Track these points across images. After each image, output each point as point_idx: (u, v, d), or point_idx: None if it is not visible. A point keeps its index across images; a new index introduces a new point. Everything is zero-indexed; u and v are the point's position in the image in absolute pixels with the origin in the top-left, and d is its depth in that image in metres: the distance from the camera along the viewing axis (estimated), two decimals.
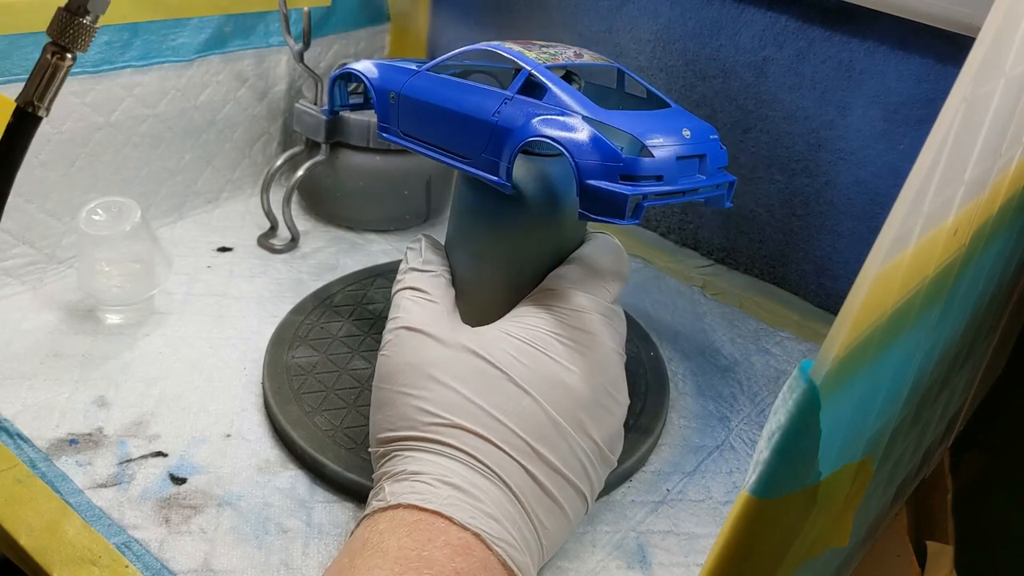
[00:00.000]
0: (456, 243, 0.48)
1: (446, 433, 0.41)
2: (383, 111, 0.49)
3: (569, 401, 0.42)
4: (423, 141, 0.47)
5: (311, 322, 0.60)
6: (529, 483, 0.40)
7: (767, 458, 0.23)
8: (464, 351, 0.42)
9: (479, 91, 0.45)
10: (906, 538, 0.61)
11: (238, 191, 0.76)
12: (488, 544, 0.38)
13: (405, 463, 0.41)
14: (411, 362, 0.43)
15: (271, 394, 0.53)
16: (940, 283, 0.31)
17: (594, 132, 0.40)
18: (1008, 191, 0.36)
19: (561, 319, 0.43)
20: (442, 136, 0.46)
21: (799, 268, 0.72)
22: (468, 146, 0.44)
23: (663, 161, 0.40)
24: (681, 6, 0.70)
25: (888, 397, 0.31)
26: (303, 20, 0.66)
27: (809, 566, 0.32)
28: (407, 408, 0.42)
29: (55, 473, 0.48)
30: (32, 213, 0.61)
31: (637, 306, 0.68)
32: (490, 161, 0.43)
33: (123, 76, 0.63)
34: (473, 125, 0.44)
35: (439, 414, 0.41)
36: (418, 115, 0.47)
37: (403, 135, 0.48)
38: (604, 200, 0.39)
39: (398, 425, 0.42)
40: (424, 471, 0.40)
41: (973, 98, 0.25)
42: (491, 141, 0.43)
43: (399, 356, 0.43)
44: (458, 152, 0.45)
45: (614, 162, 0.39)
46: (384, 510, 0.39)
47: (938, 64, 0.60)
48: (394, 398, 0.42)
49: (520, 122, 0.42)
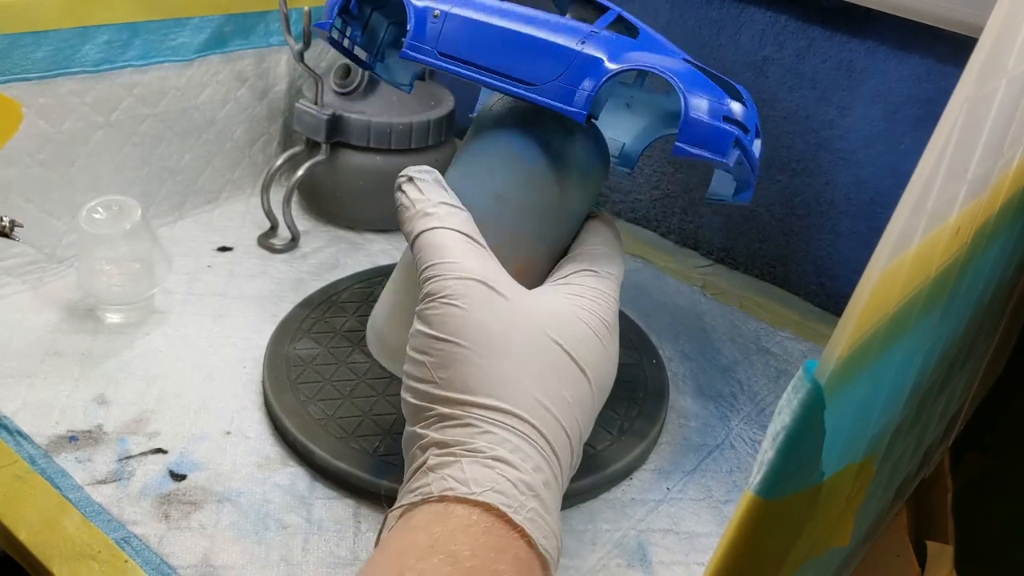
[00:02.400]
0: (469, 182, 0.44)
1: (532, 413, 0.38)
2: (419, 30, 0.45)
3: (602, 391, 0.41)
4: (467, 63, 0.44)
5: (316, 316, 0.60)
6: (568, 473, 0.40)
7: (771, 459, 0.23)
8: (537, 324, 0.39)
9: (557, 21, 0.44)
10: (906, 538, 0.61)
11: (238, 191, 0.76)
12: (548, 569, 0.36)
13: (483, 438, 0.37)
14: (490, 324, 0.39)
15: (268, 381, 0.54)
16: (942, 282, 0.31)
17: (697, 72, 0.41)
18: (1009, 190, 0.36)
19: (606, 305, 0.42)
20: (499, 59, 0.43)
21: (799, 268, 0.72)
22: (536, 72, 0.42)
23: (752, 115, 0.41)
24: (681, 6, 0.70)
25: (890, 397, 0.31)
26: (303, 20, 0.65)
27: (811, 566, 0.32)
28: (489, 374, 0.38)
29: (55, 469, 0.48)
30: (32, 212, 0.61)
31: (637, 306, 0.68)
32: (564, 89, 0.41)
33: (123, 76, 0.63)
34: (549, 50, 0.42)
35: (527, 390, 0.38)
36: (470, 36, 0.44)
37: (440, 55, 0.45)
38: (709, 135, 0.39)
39: (476, 389, 0.38)
40: (505, 459, 0.36)
41: (976, 98, 0.25)
42: (570, 69, 0.41)
43: (476, 313, 0.39)
44: (519, 77, 0.43)
45: (719, 102, 0.40)
46: (461, 502, 0.35)
47: (938, 64, 0.60)
48: (470, 358, 0.38)
49: (612, 53, 0.41)
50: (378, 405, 0.53)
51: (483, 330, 0.38)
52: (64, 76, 0.59)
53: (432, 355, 0.39)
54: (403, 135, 0.70)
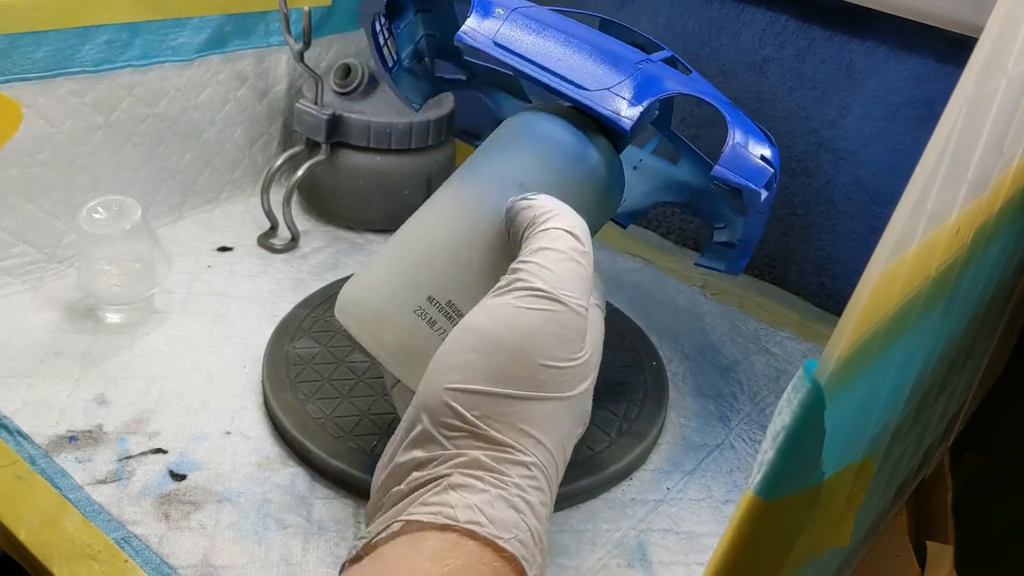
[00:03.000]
0: (494, 165, 0.44)
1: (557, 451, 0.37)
2: (480, 16, 0.45)
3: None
4: (522, 56, 0.44)
5: (316, 315, 0.60)
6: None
7: (771, 459, 0.23)
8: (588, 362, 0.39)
9: (617, 42, 0.47)
10: (906, 538, 0.61)
11: (238, 191, 0.76)
12: None
13: (517, 472, 0.35)
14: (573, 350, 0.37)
15: (267, 380, 0.54)
16: (942, 282, 0.31)
17: (741, 112, 0.44)
18: (1009, 190, 0.36)
19: (600, 339, 0.43)
20: (556, 60, 0.44)
21: (799, 268, 0.72)
22: (592, 78, 0.43)
23: (776, 159, 0.45)
24: (681, 6, 0.70)
25: (890, 397, 0.31)
26: (303, 20, 0.65)
27: (811, 566, 0.32)
28: (545, 405, 0.36)
29: (55, 469, 0.48)
30: (32, 212, 0.61)
31: (637, 306, 0.68)
32: (615, 97, 0.42)
33: (123, 76, 0.63)
34: (611, 61, 0.43)
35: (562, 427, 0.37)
36: (534, 33, 0.45)
37: (495, 44, 0.44)
38: (747, 165, 0.42)
39: (532, 419, 0.36)
40: (531, 502, 0.35)
41: (976, 98, 0.25)
42: (626, 81, 0.43)
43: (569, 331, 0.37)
44: (573, 80, 0.43)
45: (759, 141, 0.43)
46: (475, 537, 0.33)
47: (938, 64, 0.60)
48: (539, 373, 0.36)
49: (667, 80, 0.44)
50: (376, 404, 0.53)
51: (561, 345, 0.37)
52: (64, 76, 0.59)
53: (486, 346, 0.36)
54: (403, 135, 0.70)
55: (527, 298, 0.36)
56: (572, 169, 0.44)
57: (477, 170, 0.44)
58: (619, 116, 0.42)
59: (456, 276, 0.42)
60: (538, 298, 0.36)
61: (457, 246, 0.42)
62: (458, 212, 0.43)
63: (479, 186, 0.43)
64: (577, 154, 0.44)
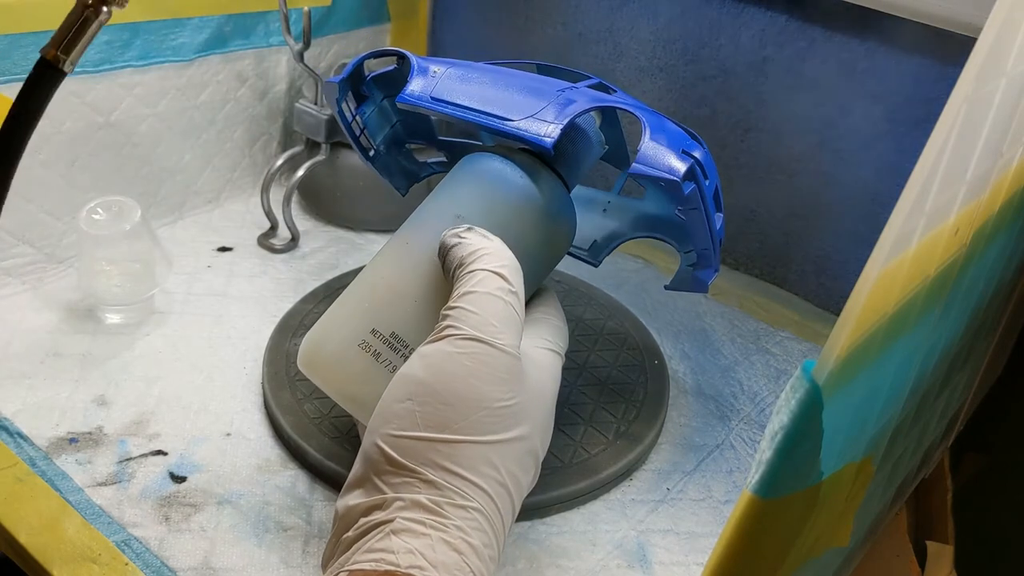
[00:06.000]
0: (433, 203, 0.47)
1: (498, 495, 0.37)
2: (419, 81, 0.48)
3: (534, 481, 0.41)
4: (456, 104, 0.47)
5: (319, 311, 0.60)
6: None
7: (770, 458, 0.23)
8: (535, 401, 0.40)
9: (544, 78, 0.50)
10: (906, 538, 0.61)
11: (238, 191, 0.76)
12: None
13: (459, 516, 0.36)
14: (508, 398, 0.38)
15: (267, 377, 0.54)
16: (941, 283, 0.31)
17: (663, 116, 0.47)
18: (1008, 191, 0.36)
19: (556, 387, 0.43)
20: (486, 101, 0.46)
21: (799, 268, 0.72)
22: (517, 109, 0.45)
23: (712, 171, 0.46)
24: (681, 6, 0.70)
25: (889, 397, 0.31)
26: (303, 20, 0.66)
27: (810, 566, 0.32)
28: (481, 448, 0.37)
29: (55, 471, 0.48)
30: (32, 212, 0.61)
31: (638, 306, 0.68)
32: (538, 122, 0.45)
33: (123, 76, 0.63)
34: (535, 93, 0.46)
35: (503, 467, 0.37)
36: (466, 83, 0.47)
37: (432, 99, 0.47)
38: (664, 161, 0.43)
39: (469, 462, 0.37)
40: (473, 545, 0.35)
41: (975, 98, 0.25)
42: (548, 107, 0.45)
43: (493, 375, 0.38)
44: (499, 114, 0.46)
45: (679, 136, 0.45)
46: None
47: (938, 64, 0.60)
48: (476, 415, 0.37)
49: (586, 99, 0.46)
50: None
51: (489, 394, 0.38)
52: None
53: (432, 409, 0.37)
54: None
55: (456, 342, 0.38)
56: (507, 198, 0.45)
57: (422, 209, 0.47)
58: (540, 137, 0.44)
59: (398, 307, 0.43)
60: (466, 341, 0.38)
61: (397, 280, 0.44)
62: (400, 249, 0.45)
63: (419, 221, 0.46)
64: (514, 184, 0.46)
